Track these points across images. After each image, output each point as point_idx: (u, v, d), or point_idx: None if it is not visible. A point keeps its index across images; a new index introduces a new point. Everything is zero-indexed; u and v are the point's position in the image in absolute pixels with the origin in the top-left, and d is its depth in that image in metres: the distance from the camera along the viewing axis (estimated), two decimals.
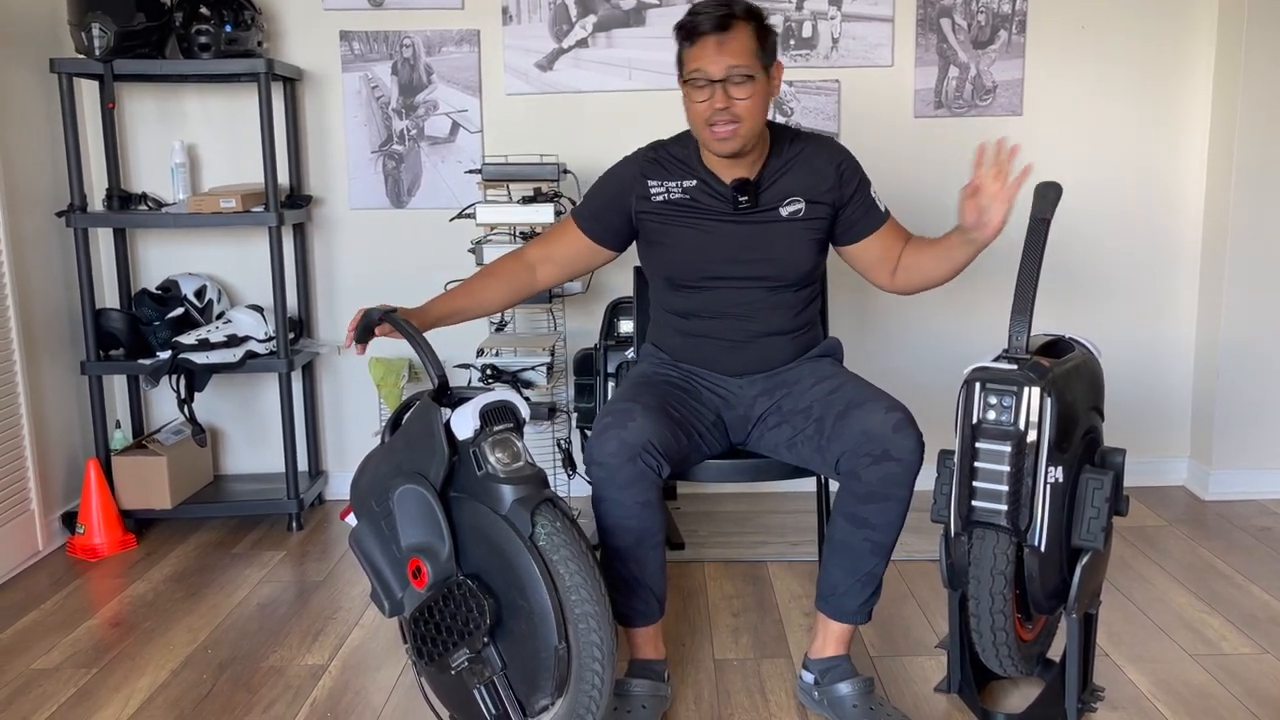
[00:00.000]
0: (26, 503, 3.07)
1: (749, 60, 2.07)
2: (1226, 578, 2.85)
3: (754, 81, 2.07)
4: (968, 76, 3.42)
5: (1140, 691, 2.26)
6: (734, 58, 2.06)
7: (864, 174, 2.30)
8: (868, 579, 2.13)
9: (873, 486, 2.05)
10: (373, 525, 1.95)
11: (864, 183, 2.29)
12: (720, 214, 2.20)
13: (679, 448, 2.12)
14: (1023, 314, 1.97)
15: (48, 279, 3.22)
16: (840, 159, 2.26)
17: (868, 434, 2.04)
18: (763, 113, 2.13)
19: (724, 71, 2.06)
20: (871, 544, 2.09)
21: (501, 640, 1.84)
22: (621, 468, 2.01)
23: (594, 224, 2.30)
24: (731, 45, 2.06)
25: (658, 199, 2.23)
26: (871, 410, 2.08)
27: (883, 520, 2.07)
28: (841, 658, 2.18)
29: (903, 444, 2.03)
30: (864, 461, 2.04)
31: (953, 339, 3.55)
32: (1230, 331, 3.41)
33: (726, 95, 2.07)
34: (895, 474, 2.04)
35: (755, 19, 2.10)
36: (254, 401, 3.60)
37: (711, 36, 2.07)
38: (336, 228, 3.51)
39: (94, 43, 3.01)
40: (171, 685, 2.35)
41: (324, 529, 3.36)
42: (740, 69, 2.06)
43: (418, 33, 3.39)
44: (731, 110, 2.07)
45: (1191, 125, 3.47)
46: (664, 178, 2.24)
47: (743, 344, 2.26)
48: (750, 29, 2.08)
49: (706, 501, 3.51)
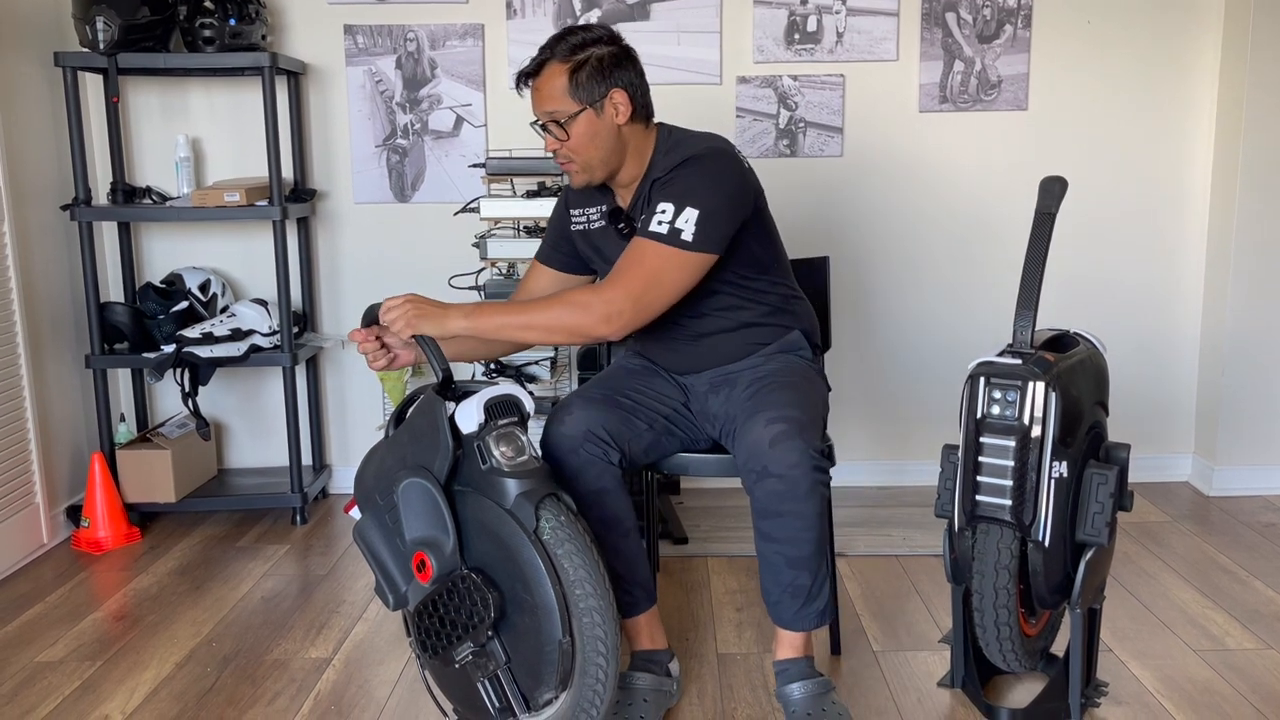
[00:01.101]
0: (31, 496, 3.08)
1: (559, 103, 2.05)
2: (1230, 573, 2.85)
3: (574, 120, 2.05)
4: (973, 71, 3.41)
5: (1144, 687, 2.26)
6: (544, 103, 2.07)
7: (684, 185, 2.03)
8: (794, 590, 2.06)
9: (764, 503, 2.00)
10: (377, 519, 1.95)
11: (666, 191, 2.04)
12: (618, 236, 2.20)
13: (634, 433, 2.12)
14: (1027, 308, 1.97)
15: (52, 273, 3.22)
16: (672, 165, 2.07)
17: (749, 450, 1.99)
18: (597, 145, 2.07)
19: (541, 116, 2.09)
20: (784, 558, 2.03)
21: (505, 634, 1.84)
22: (565, 460, 2.04)
23: (555, 254, 2.33)
24: (541, 91, 2.07)
25: (578, 228, 2.27)
26: (757, 422, 1.99)
27: (784, 535, 2.00)
28: (793, 660, 2.14)
29: (780, 459, 1.94)
30: (750, 478, 2.00)
31: (957, 334, 3.54)
32: (1235, 327, 3.40)
33: (551, 137, 2.09)
34: (779, 490, 1.96)
35: (572, 56, 2.04)
36: (258, 395, 3.60)
37: (530, 83, 2.10)
38: (340, 222, 3.51)
39: (98, 36, 3.01)
40: (176, 678, 2.36)
41: (328, 523, 3.36)
42: (552, 113, 2.07)
43: (422, 27, 3.38)
44: (562, 151, 2.09)
45: (1197, 119, 3.46)
46: (585, 205, 2.26)
47: (690, 342, 2.24)
48: (561, 69, 2.04)
49: (709, 496, 3.51)
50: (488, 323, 2.00)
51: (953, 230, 3.50)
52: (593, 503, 2.06)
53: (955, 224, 3.49)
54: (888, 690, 2.27)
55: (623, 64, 2.09)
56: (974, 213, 3.49)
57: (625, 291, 1.99)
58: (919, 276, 3.53)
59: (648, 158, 2.15)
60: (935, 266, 3.52)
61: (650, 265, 2.00)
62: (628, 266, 2.02)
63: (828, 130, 3.43)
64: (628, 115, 2.08)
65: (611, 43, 2.09)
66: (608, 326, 1.99)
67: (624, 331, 2.01)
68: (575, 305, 1.99)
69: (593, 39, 2.07)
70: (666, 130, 2.17)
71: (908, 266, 3.52)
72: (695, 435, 2.28)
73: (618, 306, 1.98)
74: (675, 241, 2.00)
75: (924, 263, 3.52)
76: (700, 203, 2.02)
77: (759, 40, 3.38)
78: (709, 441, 2.29)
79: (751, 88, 3.41)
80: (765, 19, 3.38)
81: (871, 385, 3.57)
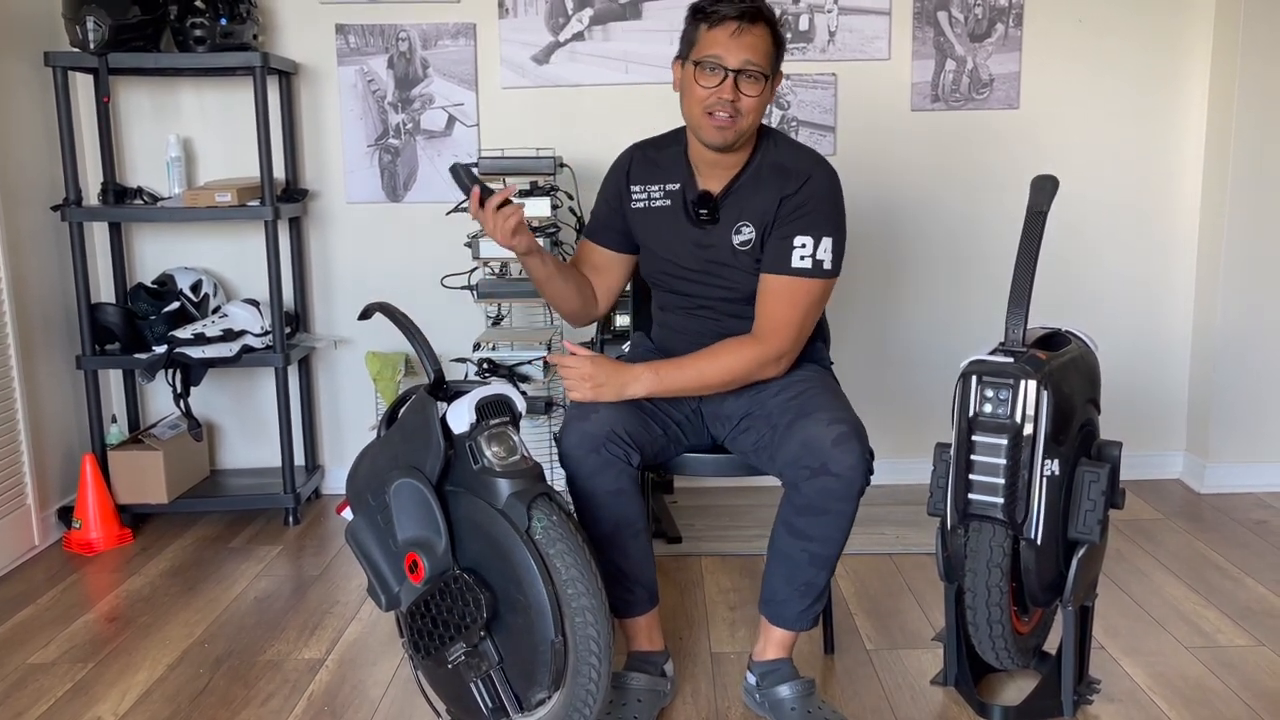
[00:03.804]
0: (23, 497, 3.07)
1: (765, 59, 2.05)
2: (1222, 570, 2.86)
3: (764, 81, 2.06)
4: (965, 70, 3.42)
5: (1136, 684, 2.27)
6: (752, 52, 2.04)
7: (818, 214, 2.10)
8: (806, 588, 2.09)
9: (810, 499, 2.02)
10: (369, 519, 1.95)
11: (802, 223, 2.10)
12: (689, 220, 2.19)
13: (651, 436, 2.13)
14: (1019, 307, 1.97)
15: (43, 273, 3.21)
16: (793, 191, 2.11)
17: (807, 446, 2.00)
18: (759, 115, 2.10)
19: (740, 63, 2.03)
20: (810, 555, 2.06)
21: (498, 634, 1.84)
22: (586, 458, 2.03)
23: (607, 233, 2.31)
24: (751, 39, 2.03)
25: (639, 205, 2.24)
26: (815, 422, 2.02)
27: (820, 534, 2.04)
28: (782, 661, 2.15)
29: (842, 459, 1.97)
30: (803, 474, 2.01)
31: (948, 332, 3.55)
32: (1226, 324, 3.41)
33: (736, 88, 2.04)
34: (833, 489, 1.99)
35: (774, 24, 2.08)
36: (250, 396, 3.59)
37: (733, 24, 2.03)
38: (333, 222, 3.50)
39: (89, 36, 3.00)
40: (168, 680, 2.35)
41: (321, 523, 3.36)
42: (756, 65, 2.04)
43: (414, 26, 3.38)
44: (737, 104, 2.05)
45: (1188, 118, 3.47)
46: (647, 181, 2.24)
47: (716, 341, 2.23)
48: (769, 31, 2.07)
49: (703, 495, 3.51)
50: (665, 388, 2.12)
51: (945, 229, 3.50)
52: (609, 502, 2.05)
53: (947, 222, 3.50)
54: (881, 688, 2.27)
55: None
56: (966, 211, 3.49)
57: (786, 335, 2.13)
58: (911, 275, 3.53)
59: (753, 147, 2.17)
60: (927, 265, 3.53)
61: (804, 303, 2.12)
62: (782, 310, 2.12)
63: (820, 129, 3.43)
64: (773, 98, 2.15)
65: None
66: (776, 368, 2.15)
67: (790, 366, 2.18)
68: (744, 361, 2.11)
69: (775, 16, 2.11)
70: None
71: (899, 265, 3.52)
72: (701, 438, 2.29)
73: (786, 349, 2.14)
74: (820, 273, 2.12)
75: (916, 261, 3.52)
76: (834, 229, 2.13)
77: None
78: (710, 442, 2.30)
79: None
80: None
81: (864, 383, 3.57)
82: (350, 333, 3.53)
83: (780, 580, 2.10)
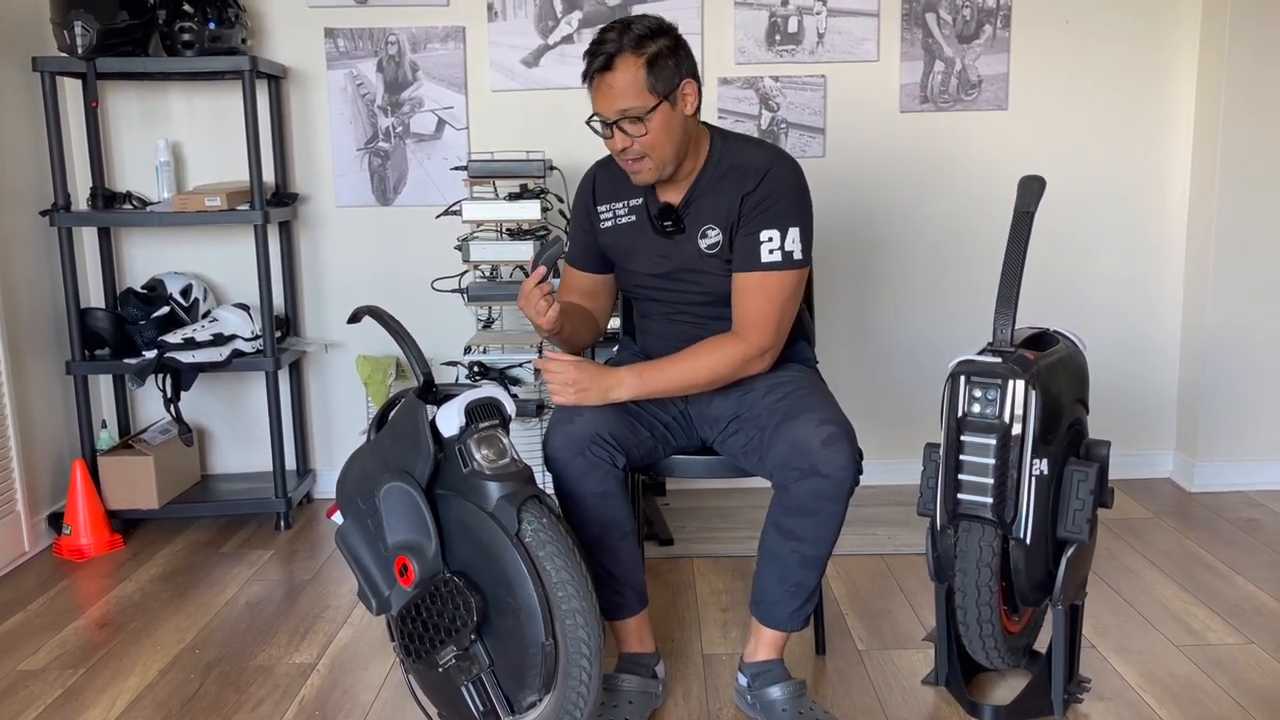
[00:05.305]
0: (12, 504, 3.06)
1: (637, 98, 2.00)
2: (1212, 569, 2.87)
3: (651, 115, 2.02)
4: (953, 71, 3.43)
5: (1126, 683, 2.27)
6: (620, 99, 2.01)
7: (781, 207, 2.10)
8: (797, 589, 2.09)
9: (800, 500, 2.02)
10: (359, 523, 1.95)
11: (766, 217, 2.09)
12: (655, 233, 2.20)
13: (637, 438, 2.13)
14: (1007, 307, 1.98)
15: (32, 279, 3.20)
16: (752, 188, 2.10)
17: (797, 447, 2.00)
18: (672, 139, 2.06)
19: (614, 114, 2.03)
20: (800, 556, 2.06)
21: (489, 637, 1.84)
22: (572, 461, 2.03)
23: (586, 257, 2.33)
24: (616, 86, 2.00)
25: (606, 224, 2.26)
26: (804, 423, 2.02)
27: (810, 535, 2.04)
28: (773, 662, 2.15)
29: (831, 460, 1.97)
30: (792, 475, 2.01)
31: (937, 332, 3.55)
32: (1215, 323, 3.43)
33: (625, 134, 2.05)
34: (822, 489, 1.99)
35: (643, 47, 2.00)
36: (241, 400, 3.59)
37: (596, 79, 2.04)
38: (323, 225, 3.50)
39: (77, 41, 2.99)
40: (159, 685, 2.35)
41: (312, 528, 3.35)
42: (629, 110, 2.02)
43: (403, 29, 3.38)
44: (633, 148, 2.06)
45: (1176, 118, 3.48)
46: (611, 200, 2.25)
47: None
48: (637, 62, 1.99)
49: (694, 497, 3.52)
50: (649, 390, 2.11)
51: (933, 229, 3.51)
52: (595, 505, 2.05)
53: (936, 223, 3.51)
54: (872, 689, 2.27)
55: (688, 52, 2.08)
56: (954, 212, 3.50)
57: (766, 329, 2.11)
58: (900, 276, 3.54)
59: (704, 151, 2.16)
60: (916, 265, 3.53)
61: (779, 296, 2.11)
62: (758, 305, 2.11)
63: (809, 131, 3.44)
64: (695, 106, 2.09)
65: (669, 31, 2.06)
66: (761, 363, 2.14)
67: (774, 360, 2.17)
68: (728, 358, 2.10)
69: (654, 27, 2.04)
70: (706, 125, 2.18)
71: (889, 265, 3.53)
72: (690, 440, 2.29)
73: (769, 344, 2.13)
74: (791, 264, 2.11)
75: (905, 262, 3.53)
76: (799, 219, 2.12)
77: (740, 41, 3.39)
78: (699, 444, 2.30)
79: (733, 89, 3.41)
80: (746, 20, 3.38)
81: (853, 384, 3.58)
82: (341, 337, 3.53)
83: (771, 581, 2.11)
